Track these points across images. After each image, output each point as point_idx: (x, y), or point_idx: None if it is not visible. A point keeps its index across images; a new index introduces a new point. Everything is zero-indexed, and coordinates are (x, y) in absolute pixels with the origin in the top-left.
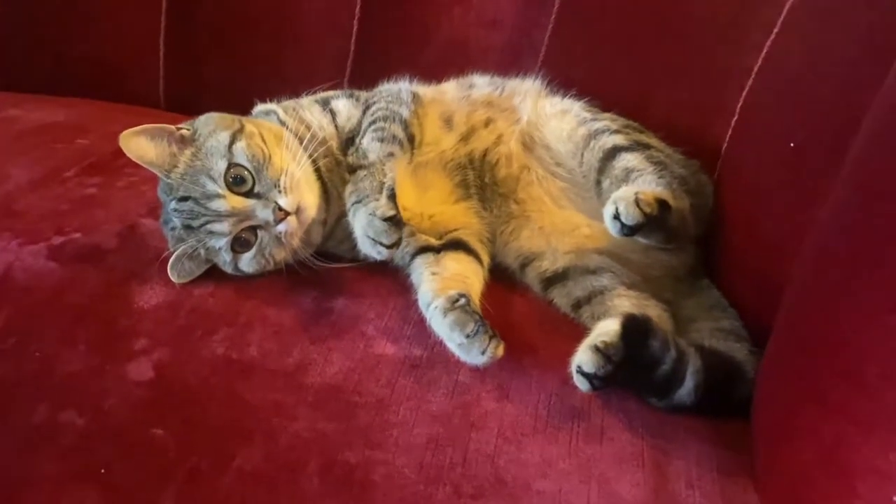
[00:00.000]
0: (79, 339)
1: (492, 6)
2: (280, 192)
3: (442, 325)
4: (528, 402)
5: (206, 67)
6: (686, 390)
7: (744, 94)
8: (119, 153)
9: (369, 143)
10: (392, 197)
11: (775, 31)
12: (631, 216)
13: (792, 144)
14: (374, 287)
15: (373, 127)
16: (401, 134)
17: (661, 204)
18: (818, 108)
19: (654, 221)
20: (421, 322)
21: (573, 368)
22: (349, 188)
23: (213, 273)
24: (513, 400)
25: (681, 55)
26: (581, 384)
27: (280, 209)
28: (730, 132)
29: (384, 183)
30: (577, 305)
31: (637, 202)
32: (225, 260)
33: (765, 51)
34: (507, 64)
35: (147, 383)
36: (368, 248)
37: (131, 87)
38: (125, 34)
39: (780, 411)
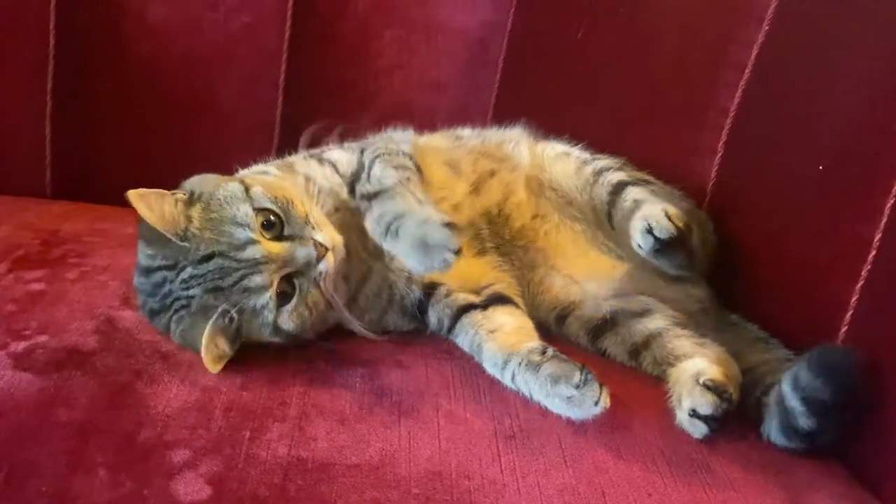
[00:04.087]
0: (93, 461)
1: (433, 69)
2: (313, 228)
3: (537, 381)
4: (645, 459)
5: (101, 151)
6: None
7: (725, 131)
8: (50, 242)
9: (383, 171)
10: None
11: (748, 70)
12: (664, 229)
13: (821, 167)
14: (421, 357)
15: (379, 159)
16: (409, 164)
17: (685, 221)
18: (840, 129)
19: (682, 237)
20: (493, 386)
21: (684, 414)
22: (374, 214)
23: (232, 364)
24: (627, 459)
25: (648, 99)
26: (696, 430)
27: (321, 244)
28: (715, 169)
29: (419, 199)
30: (636, 352)
31: (668, 216)
32: (266, 321)
33: (741, 88)
34: (455, 123)
35: (206, 503)
36: (431, 260)
37: (10, 175)
38: (3, 118)
39: None
